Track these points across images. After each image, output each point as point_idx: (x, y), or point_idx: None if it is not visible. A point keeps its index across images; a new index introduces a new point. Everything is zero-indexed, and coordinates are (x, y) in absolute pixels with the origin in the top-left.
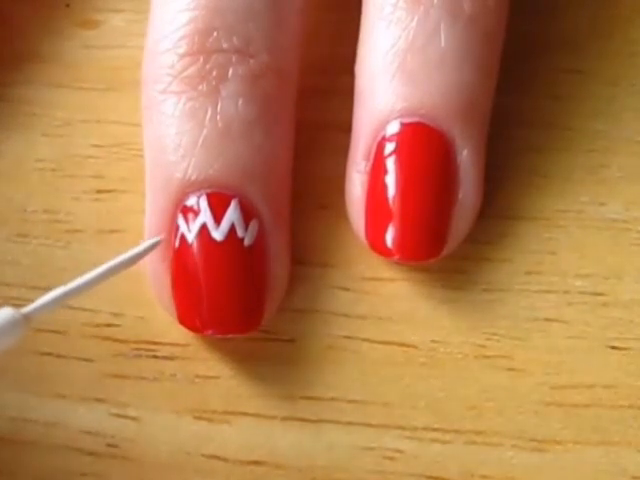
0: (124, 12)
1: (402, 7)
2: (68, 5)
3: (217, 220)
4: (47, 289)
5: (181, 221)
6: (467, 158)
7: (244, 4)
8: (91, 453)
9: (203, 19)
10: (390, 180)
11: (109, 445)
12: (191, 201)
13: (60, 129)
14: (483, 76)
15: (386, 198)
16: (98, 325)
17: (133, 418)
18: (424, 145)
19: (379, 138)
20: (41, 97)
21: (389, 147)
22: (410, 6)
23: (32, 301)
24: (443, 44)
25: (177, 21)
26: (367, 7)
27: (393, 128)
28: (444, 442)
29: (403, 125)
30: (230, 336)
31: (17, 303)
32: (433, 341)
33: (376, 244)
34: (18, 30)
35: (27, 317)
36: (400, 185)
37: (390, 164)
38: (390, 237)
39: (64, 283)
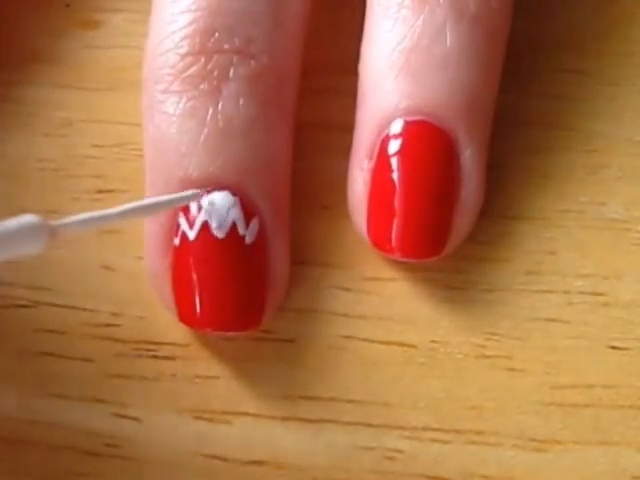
0: (124, 12)
1: (408, 6)
2: (68, 5)
3: None
4: (47, 289)
5: (182, 219)
6: (470, 157)
7: (245, 6)
8: (91, 453)
9: (204, 20)
10: (393, 178)
11: (109, 445)
12: None
13: (61, 129)
14: (487, 76)
15: (388, 195)
16: (98, 325)
17: (133, 418)
18: (427, 143)
19: (383, 136)
20: (42, 97)
21: (392, 145)
22: (416, 5)
23: (32, 301)
24: (448, 43)
25: (178, 22)
26: (372, 6)
27: (397, 126)
28: (444, 442)
29: (407, 123)
30: (231, 334)
31: (17, 303)
32: (433, 341)
33: (378, 241)
34: (18, 30)
35: (52, 228)
36: (403, 183)
37: (393, 162)
38: (392, 234)
39: (64, 284)
